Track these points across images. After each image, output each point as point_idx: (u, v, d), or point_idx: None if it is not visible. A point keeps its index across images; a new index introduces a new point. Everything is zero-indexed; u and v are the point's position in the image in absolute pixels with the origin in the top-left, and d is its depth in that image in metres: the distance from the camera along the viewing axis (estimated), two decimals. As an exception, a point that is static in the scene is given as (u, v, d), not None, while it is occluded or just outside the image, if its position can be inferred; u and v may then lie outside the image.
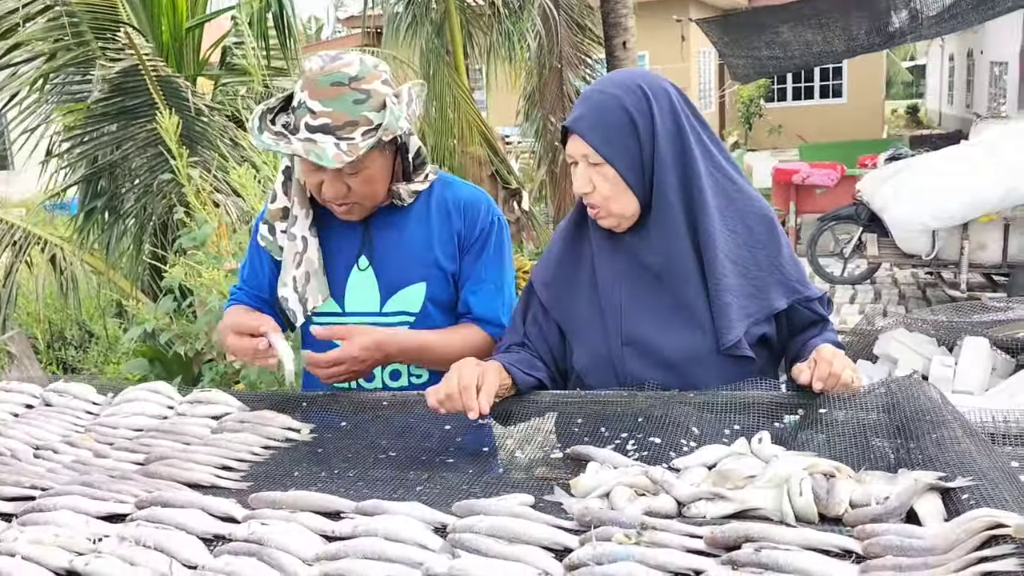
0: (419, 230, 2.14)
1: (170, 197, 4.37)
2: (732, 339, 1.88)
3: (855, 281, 9.22)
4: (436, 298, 2.14)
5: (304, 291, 2.12)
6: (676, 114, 1.87)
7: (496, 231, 2.18)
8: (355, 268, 2.15)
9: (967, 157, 7.24)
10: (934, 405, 1.62)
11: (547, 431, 1.89)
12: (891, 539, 1.16)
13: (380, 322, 2.13)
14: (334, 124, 1.92)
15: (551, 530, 1.30)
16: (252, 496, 1.46)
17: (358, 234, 2.15)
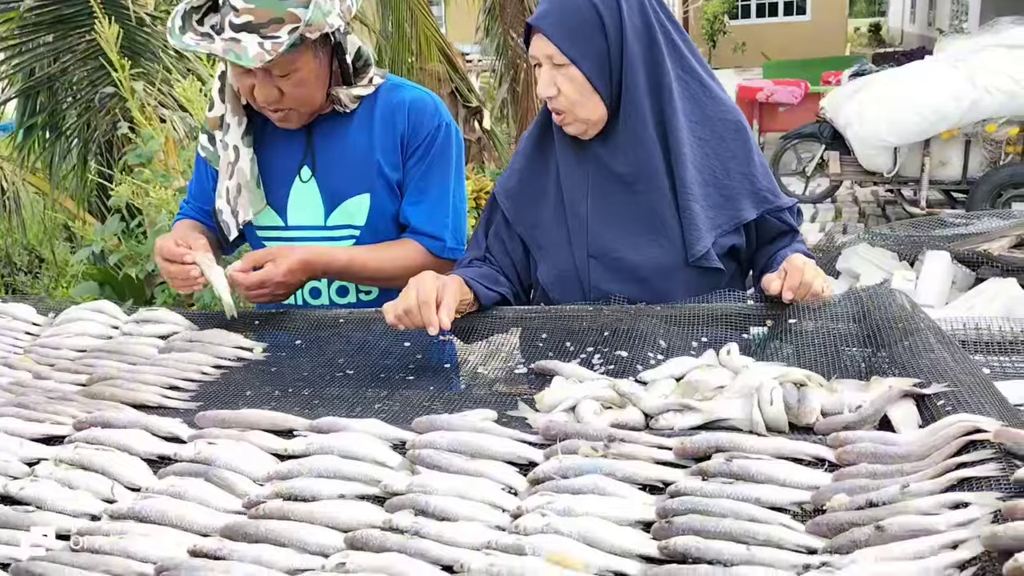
0: (362, 137, 2.02)
1: (114, 112, 4.15)
2: (700, 250, 1.82)
3: (816, 200, 9.23)
4: (382, 210, 2.03)
5: (236, 203, 2.00)
6: (645, 11, 1.77)
7: (443, 136, 2.04)
8: (297, 179, 2.03)
9: (930, 73, 7.19)
10: (905, 313, 1.58)
11: (511, 347, 1.83)
12: (865, 446, 1.13)
13: (325, 236, 2.03)
14: (257, 22, 1.79)
15: (515, 444, 1.24)
16: (199, 415, 1.39)
17: (300, 143, 2.02)
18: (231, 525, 1.14)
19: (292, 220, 2.05)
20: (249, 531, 1.12)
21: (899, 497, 0.99)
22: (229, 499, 1.20)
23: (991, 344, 1.60)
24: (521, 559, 1.03)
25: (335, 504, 1.15)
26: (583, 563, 1.01)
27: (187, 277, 1.87)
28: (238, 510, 1.19)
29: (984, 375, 1.35)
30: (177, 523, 1.15)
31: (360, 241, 2.04)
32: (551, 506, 1.10)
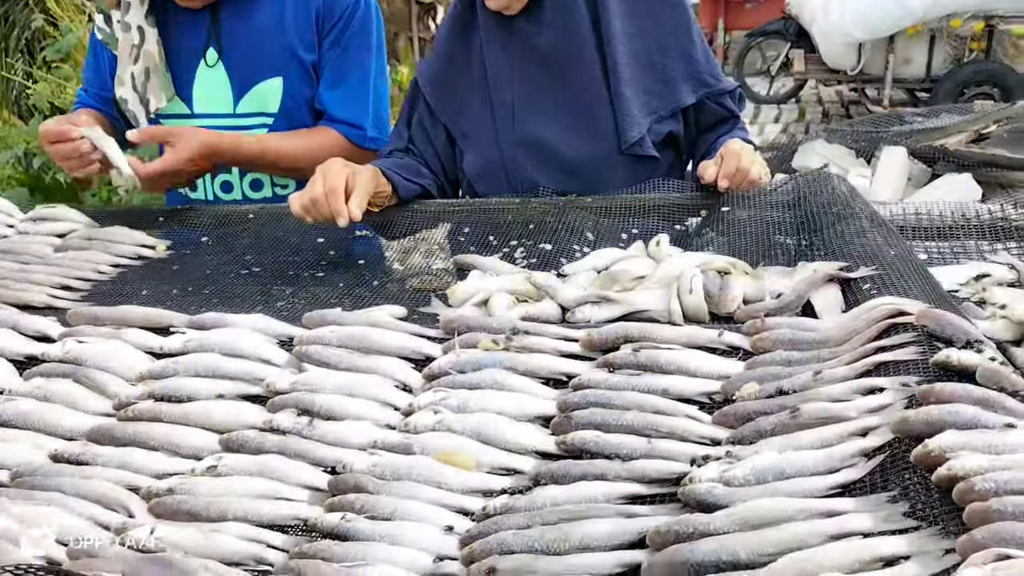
0: (272, 15, 1.85)
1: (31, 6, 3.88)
2: (633, 137, 1.71)
3: (780, 100, 9.08)
4: (297, 95, 1.88)
5: (145, 90, 1.84)
6: None
7: (362, 13, 1.89)
8: (202, 63, 1.86)
9: (898, -35, 6.97)
10: (841, 197, 1.49)
11: (432, 242, 1.73)
12: (782, 333, 1.05)
13: (235, 124, 1.88)
14: None
15: (410, 339, 1.15)
16: (70, 312, 1.27)
17: (204, 23, 1.85)
18: (98, 428, 1.05)
19: (199, 107, 1.89)
20: (117, 434, 1.03)
21: (811, 384, 0.92)
22: (99, 401, 1.10)
23: (930, 229, 1.53)
24: (408, 459, 0.95)
25: (212, 404, 1.06)
26: (472, 462, 0.94)
27: (79, 154, 1.71)
28: (108, 412, 1.09)
29: (918, 260, 1.28)
30: (40, 427, 1.07)
31: (274, 130, 1.89)
32: (445, 402, 1.02)
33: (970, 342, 0.89)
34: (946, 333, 0.93)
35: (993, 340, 1.10)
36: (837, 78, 7.70)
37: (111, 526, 0.90)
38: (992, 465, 0.69)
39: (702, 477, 0.82)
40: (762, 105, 9.04)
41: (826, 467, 0.80)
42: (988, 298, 1.25)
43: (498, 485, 0.92)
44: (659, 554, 0.74)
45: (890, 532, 0.71)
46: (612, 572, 0.77)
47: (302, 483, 0.95)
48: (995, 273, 1.32)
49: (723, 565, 0.71)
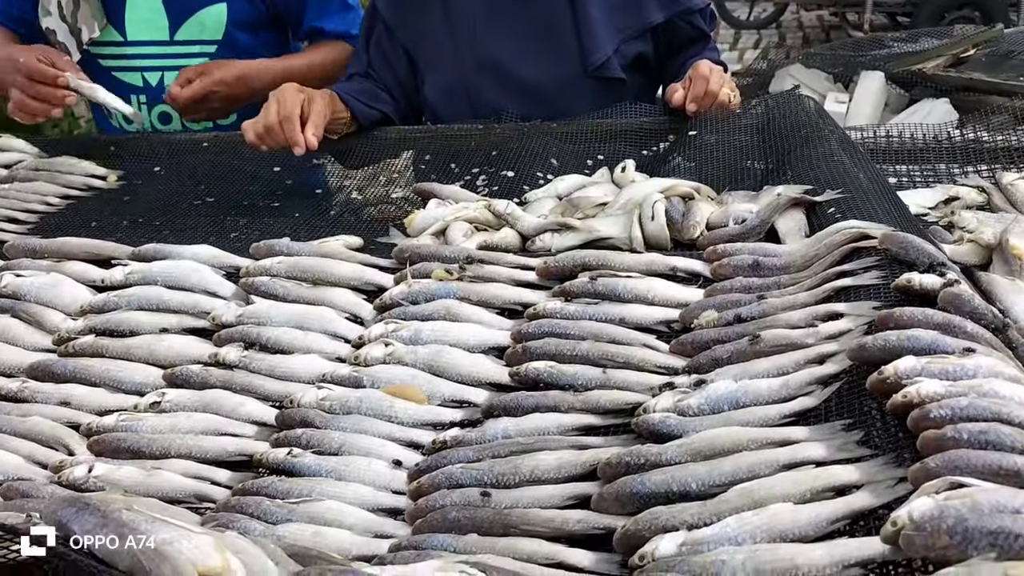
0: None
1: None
2: (599, 59, 1.65)
3: (761, 25, 8.92)
4: (241, 20, 1.80)
5: (76, 19, 1.74)
6: None
7: None
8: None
9: None
10: (811, 119, 1.45)
11: (392, 170, 1.68)
12: (743, 259, 1.02)
13: (172, 53, 1.80)
14: None
15: (361, 269, 1.11)
16: (7, 245, 1.22)
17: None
18: (37, 364, 1.01)
19: (132, 34, 1.80)
20: (56, 370, 1.00)
21: (769, 311, 0.89)
22: (39, 336, 1.06)
23: (901, 152, 1.50)
24: (357, 392, 0.92)
25: (155, 339, 1.02)
26: (422, 396, 0.91)
27: (54, 101, 1.64)
28: (48, 348, 1.05)
29: (886, 183, 1.25)
30: (-24, 364, 1.02)
31: (215, 58, 1.80)
32: (396, 334, 0.99)
33: (933, 265, 0.86)
34: (909, 256, 0.90)
35: (959, 264, 1.08)
36: (818, 2, 7.56)
37: (49, 464, 0.87)
38: (948, 391, 0.66)
39: (656, 407, 0.80)
40: (742, 30, 8.89)
41: (781, 395, 0.78)
42: (956, 222, 1.23)
43: (450, 417, 0.90)
44: (608, 486, 0.72)
45: (844, 461, 0.69)
46: (562, 504, 0.75)
47: (249, 418, 0.92)
48: (965, 196, 1.30)
49: (673, 496, 0.69)
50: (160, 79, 1.81)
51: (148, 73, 1.82)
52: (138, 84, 1.83)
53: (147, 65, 1.82)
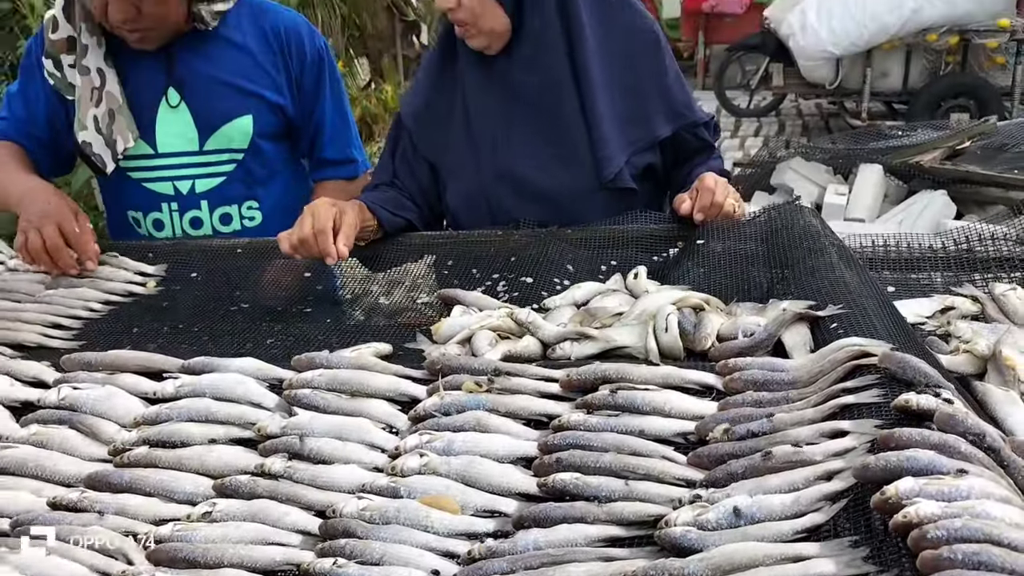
0: (236, 58, 1.90)
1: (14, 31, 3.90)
2: (612, 171, 1.76)
3: (760, 113, 9.18)
4: (266, 131, 1.94)
5: (111, 132, 1.86)
6: None
7: (327, 59, 1.99)
8: (163, 104, 1.89)
9: (872, -19, 7.08)
10: (812, 231, 1.54)
11: (417, 275, 1.77)
12: (753, 373, 1.09)
13: (201, 162, 1.92)
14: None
15: (397, 381, 1.19)
16: (64, 357, 1.30)
17: (160, 65, 1.88)
18: (95, 474, 1.08)
19: (163, 147, 1.92)
20: (113, 480, 1.06)
21: (779, 427, 0.96)
22: (95, 447, 1.14)
23: (898, 261, 1.58)
24: (395, 502, 0.99)
25: (205, 449, 1.09)
26: (456, 506, 0.97)
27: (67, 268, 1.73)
28: (104, 458, 1.12)
29: (884, 294, 1.33)
30: (38, 474, 1.09)
31: (243, 165, 1.94)
32: (430, 445, 1.06)
33: (928, 385, 0.93)
34: (907, 376, 0.98)
35: (955, 373, 1.16)
36: (816, 92, 7.80)
37: (111, 575, 0.93)
38: (944, 512, 0.73)
39: (677, 520, 0.86)
40: (742, 118, 9.13)
41: (793, 511, 0.84)
42: (953, 331, 1.31)
43: (483, 527, 0.96)
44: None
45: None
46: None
47: (294, 527, 0.98)
48: (960, 306, 1.38)
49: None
50: (191, 186, 1.94)
51: (179, 182, 1.94)
52: (169, 193, 1.94)
53: (178, 175, 1.94)
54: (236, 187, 1.95)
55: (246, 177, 1.95)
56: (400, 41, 7.73)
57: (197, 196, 1.94)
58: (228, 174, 1.94)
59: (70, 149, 1.94)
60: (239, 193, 1.95)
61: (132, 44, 1.83)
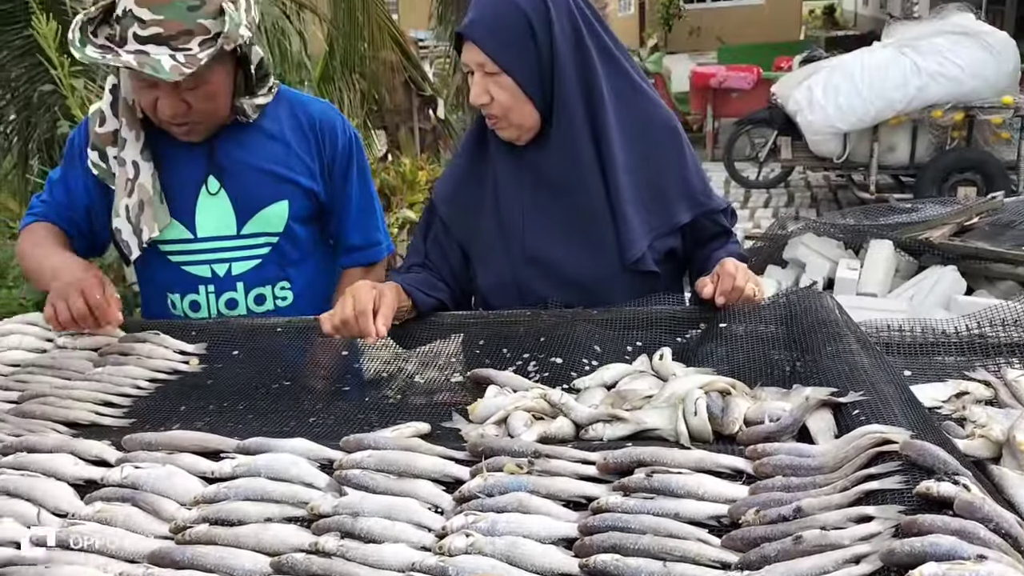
0: (273, 147, 2.02)
1: (53, 110, 4.06)
2: (635, 254, 1.85)
3: (770, 185, 9.35)
4: (300, 215, 2.05)
5: (139, 221, 1.96)
6: (573, 14, 1.78)
7: (356, 148, 2.11)
8: (203, 191, 2.00)
9: (877, 59, 7.30)
10: (831, 316, 1.62)
11: (449, 354, 1.84)
12: (781, 459, 1.16)
13: (238, 245, 2.03)
14: (167, 34, 1.77)
15: (441, 462, 1.25)
16: (126, 438, 1.38)
17: (202, 155, 1.99)
18: (158, 551, 1.14)
19: (202, 232, 2.02)
20: (176, 557, 1.12)
21: (807, 511, 1.02)
22: (156, 524, 1.20)
23: (913, 346, 1.65)
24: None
25: (261, 527, 1.16)
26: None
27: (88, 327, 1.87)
28: (165, 535, 1.18)
29: (901, 380, 1.39)
30: (103, 550, 1.15)
31: (278, 248, 2.05)
32: (475, 525, 1.12)
33: (947, 473, 1.00)
34: (926, 463, 1.04)
35: (972, 457, 1.22)
36: (824, 165, 7.96)
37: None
38: (967, 596, 0.79)
39: (714, 602, 0.92)
40: (752, 189, 9.29)
41: (824, 594, 0.90)
42: (968, 416, 1.37)
43: (528, 607, 1.02)
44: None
45: (882, 656, 0.80)
46: None
47: (348, 605, 1.04)
48: (974, 391, 1.44)
49: None
50: (227, 269, 2.05)
51: (216, 265, 2.05)
52: (207, 275, 2.04)
53: (215, 258, 2.04)
54: (270, 269, 2.05)
55: (280, 259, 2.05)
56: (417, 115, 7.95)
57: (233, 278, 2.04)
58: (264, 256, 2.04)
59: (106, 237, 2.07)
60: (273, 274, 2.06)
61: (178, 137, 1.95)
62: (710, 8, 23.08)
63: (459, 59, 1.86)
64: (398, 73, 7.88)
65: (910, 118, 7.23)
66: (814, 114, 7.39)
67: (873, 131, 7.36)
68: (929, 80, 6.92)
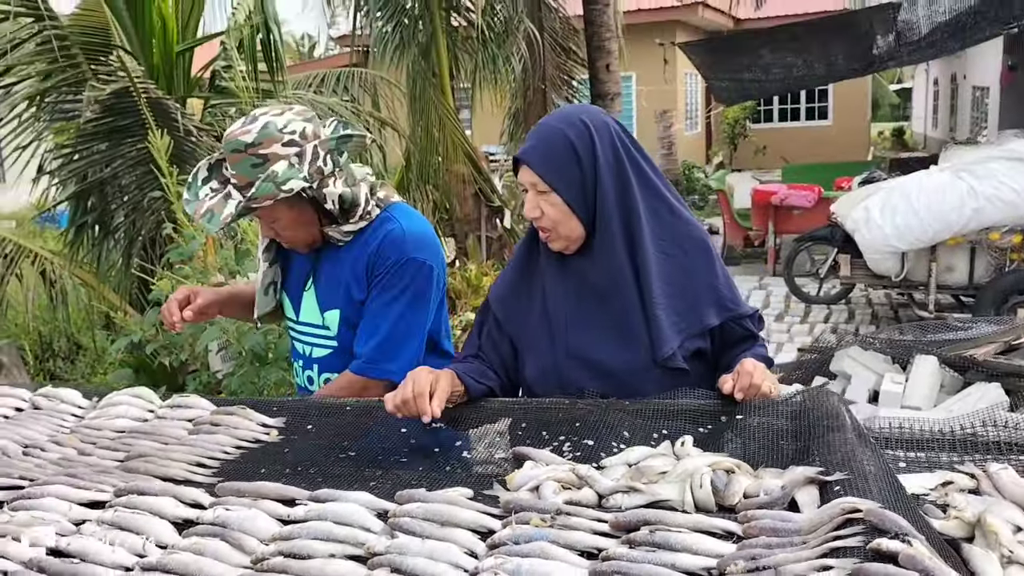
0: (349, 262, 2.39)
1: (158, 213, 4.54)
2: (665, 352, 2.07)
3: (831, 301, 9.42)
4: (350, 321, 2.39)
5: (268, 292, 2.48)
6: (615, 146, 2.07)
7: (402, 272, 2.31)
8: (308, 286, 2.45)
9: (934, 182, 7.47)
10: (835, 412, 1.80)
11: (495, 434, 2.07)
12: (767, 522, 1.35)
13: (320, 333, 2.44)
14: (239, 184, 2.21)
15: (478, 515, 1.48)
16: (219, 486, 1.64)
17: (310, 259, 2.43)
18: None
19: (302, 317, 2.48)
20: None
21: (781, 562, 1.21)
22: (240, 556, 1.44)
23: (911, 442, 1.82)
24: (478, 615, 1.25)
25: (326, 562, 1.39)
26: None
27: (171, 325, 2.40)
28: (247, 565, 1.42)
29: (888, 465, 1.57)
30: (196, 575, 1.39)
31: (340, 344, 2.42)
32: (503, 567, 1.33)
33: (898, 534, 1.18)
34: (885, 526, 1.22)
35: (947, 536, 1.38)
36: (883, 283, 8.04)
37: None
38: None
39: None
40: (812, 304, 9.37)
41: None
42: (949, 502, 1.53)
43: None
44: None
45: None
46: None
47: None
48: (958, 480, 1.60)
49: None
50: (310, 351, 2.47)
51: (305, 346, 2.47)
52: (301, 352, 2.49)
53: (305, 340, 2.47)
54: (335, 359, 2.41)
55: (342, 353, 2.40)
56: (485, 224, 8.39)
57: (312, 359, 2.44)
58: (333, 348, 2.41)
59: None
60: (338, 364, 2.40)
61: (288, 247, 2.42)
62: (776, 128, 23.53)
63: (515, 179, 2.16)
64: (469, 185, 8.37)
65: (968, 239, 7.33)
66: (871, 233, 7.54)
67: (931, 251, 7.46)
68: (986, 203, 7.04)
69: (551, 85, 10.00)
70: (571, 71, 10.36)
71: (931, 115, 26.46)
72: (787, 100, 23.11)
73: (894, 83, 38.80)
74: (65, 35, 4.38)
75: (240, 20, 4.95)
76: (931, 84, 26.23)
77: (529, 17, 9.17)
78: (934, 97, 25.87)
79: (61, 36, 4.31)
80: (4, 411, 2.28)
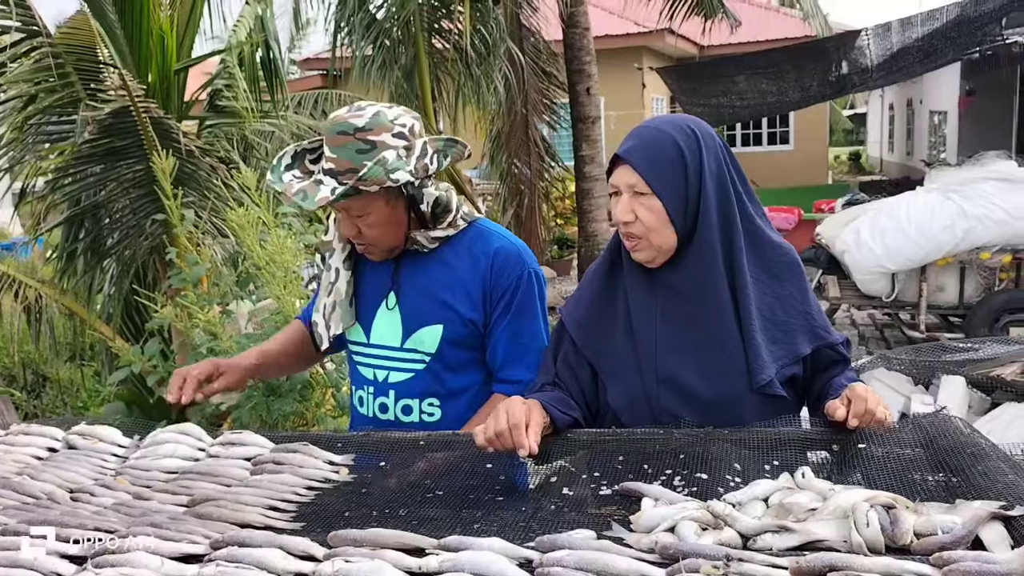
0: (442, 275, 2.22)
1: (154, 239, 4.32)
2: (765, 379, 1.94)
3: (815, 322, 9.42)
4: (452, 339, 2.22)
5: (328, 318, 2.24)
6: (720, 158, 1.95)
7: (525, 286, 2.23)
8: (383, 305, 2.25)
9: (923, 203, 7.52)
10: (970, 439, 1.69)
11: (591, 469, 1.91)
12: (970, 565, 1.22)
13: (399, 356, 2.24)
14: (337, 169, 2.05)
15: (636, 563, 1.33)
16: (332, 534, 1.46)
17: (388, 274, 2.24)
18: (375, 640, 1.21)
19: (374, 339, 2.26)
20: (393, 646, 1.19)
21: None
22: (369, 615, 1.27)
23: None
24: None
25: (473, 620, 1.22)
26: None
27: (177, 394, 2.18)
28: (380, 626, 1.25)
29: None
30: (324, 640, 1.22)
31: (430, 367, 2.21)
32: (682, 622, 1.18)
33: None
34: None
35: None
36: (872, 304, 8.06)
37: None
38: None
39: None
40: (798, 327, 9.35)
41: None
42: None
43: None
44: None
45: None
46: None
47: None
48: None
49: None
50: (385, 376, 2.25)
51: (378, 371, 2.26)
52: (370, 378, 2.27)
53: (378, 364, 2.26)
54: (420, 384, 2.21)
55: (431, 377, 2.21)
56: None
57: (388, 385, 2.24)
58: (417, 372, 2.21)
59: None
60: (422, 389, 2.21)
61: (362, 253, 2.21)
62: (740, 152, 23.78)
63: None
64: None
65: (958, 259, 7.37)
66: (861, 254, 7.56)
67: (921, 271, 7.50)
68: (976, 223, 7.10)
69: (533, 109, 9.95)
70: (552, 95, 10.33)
71: (887, 139, 27.07)
72: (750, 126, 23.40)
73: (847, 108, 39.70)
74: (59, 52, 4.16)
75: (241, 38, 4.77)
76: (886, 109, 26.86)
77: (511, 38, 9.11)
78: (890, 122, 26.49)
79: (55, 54, 4.09)
80: (36, 451, 2.07)
